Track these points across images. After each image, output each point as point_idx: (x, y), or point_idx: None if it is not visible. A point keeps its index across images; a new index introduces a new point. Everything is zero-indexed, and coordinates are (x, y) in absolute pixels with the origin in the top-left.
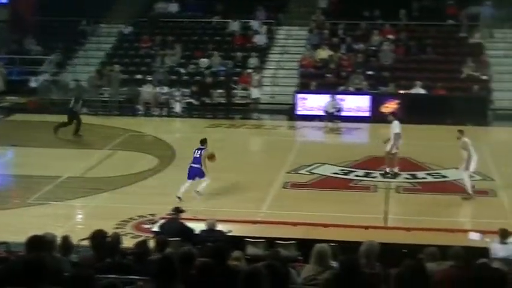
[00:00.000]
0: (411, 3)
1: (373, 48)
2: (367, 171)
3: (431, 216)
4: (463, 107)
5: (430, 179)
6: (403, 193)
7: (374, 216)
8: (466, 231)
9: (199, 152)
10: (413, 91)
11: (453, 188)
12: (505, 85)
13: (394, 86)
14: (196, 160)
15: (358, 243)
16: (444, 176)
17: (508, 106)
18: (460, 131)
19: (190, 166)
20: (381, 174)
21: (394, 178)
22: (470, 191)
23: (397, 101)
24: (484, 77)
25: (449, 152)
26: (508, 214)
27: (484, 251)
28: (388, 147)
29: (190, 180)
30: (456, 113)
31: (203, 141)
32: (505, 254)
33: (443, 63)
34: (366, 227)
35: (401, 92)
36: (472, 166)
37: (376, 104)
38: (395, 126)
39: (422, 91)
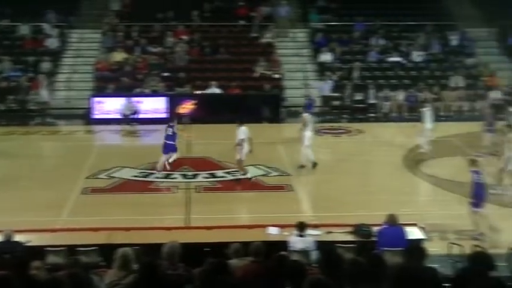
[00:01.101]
0: (203, 5)
1: (168, 49)
2: (167, 172)
3: (233, 214)
4: (258, 105)
5: (229, 177)
6: (203, 192)
7: (176, 217)
8: (265, 226)
9: (170, 129)
10: (209, 91)
11: (251, 185)
12: (295, 83)
13: (190, 87)
14: (169, 137)
15: (161, 245)
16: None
17: (300, 103)
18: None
19: (165, 142)
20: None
21: (250, 179)
22: (305, 163)
23: (193, 102)
24: (276, 76)
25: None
26: (304, 207)
27: (283, 244)
28: (237, 154)
29: (165, 155)
30: (251, 111)
31: (172, 119)
32: (303, 246)
33: (237, 63)
34: (168, 228)
35: (198, 92)
36: (306, 142)
37: (173, 106)
38: (241, 132)
39: (217, 91)
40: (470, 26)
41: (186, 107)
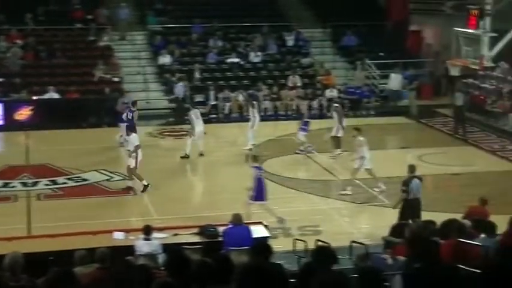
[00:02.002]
0: (37, 8)
1: (1, 54)
2: (5, 181)
3: (77, 220)
4: (98, 109)
5: (71, 183)
6: (45, 200)
7: (17, 227)
8: (110, 231)
9: (131, 114)
10: (46, 96)
11: (94, 190)
12: (135, 86)
13: (27, 92)
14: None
15: (1, 257)
16: (85, 179)
17: (139, 106)
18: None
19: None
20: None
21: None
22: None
23: (30, 107)
24: (116, 79)
25: (87, 155)
26: (149, 210)
27: (129, 249)
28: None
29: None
30: (92, 115)
31: (134, 103)
32: (149, 249)
33: (75, 66)
34: (9, 239)
35: (35, 98)
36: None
37: (9, 112)
38: (134, 139)
39: (56, 96)
40: (305, 27)
41: (23, 113)
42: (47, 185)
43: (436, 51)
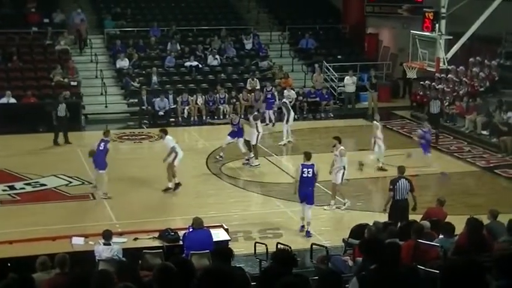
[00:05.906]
0: None
1: None
2: None
3: (35, 226)
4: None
5: (29, 188)
6: (2, 206)
7: None
8: (69, 236)
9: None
10: (3, 101)
11: (53, 195)
12: (93, 90)
13: None
14: None
15: None
16: (43, 184)
17: (98, 110)
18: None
19: None
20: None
21: None
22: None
23: None
24: (74, 83)
25: (45, 160)
26: (109, 215)
27: (89, 254)
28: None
29: None
30: (49, 120)
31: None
32: (109, 254)
33: (31, 71)
34: None
35: None
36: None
37: None
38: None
39: (12, 100)
40: (263, 30)
41: None
42: (5, 190)
43: (393, 53)
